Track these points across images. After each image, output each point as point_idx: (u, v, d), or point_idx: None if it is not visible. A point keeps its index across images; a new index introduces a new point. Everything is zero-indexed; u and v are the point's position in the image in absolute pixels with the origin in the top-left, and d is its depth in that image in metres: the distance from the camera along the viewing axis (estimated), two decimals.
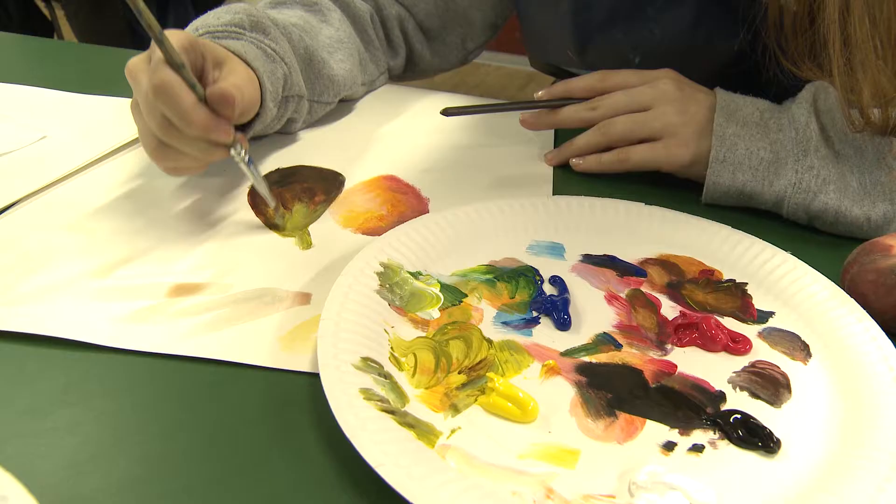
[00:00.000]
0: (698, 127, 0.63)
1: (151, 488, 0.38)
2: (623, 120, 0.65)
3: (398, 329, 0.47)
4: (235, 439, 0.41)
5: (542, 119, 0.69)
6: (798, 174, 0.60)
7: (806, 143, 0.60)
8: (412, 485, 0.36)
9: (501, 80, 3.05)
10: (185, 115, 0.51)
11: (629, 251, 0.57)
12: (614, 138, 0.66)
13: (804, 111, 0.61)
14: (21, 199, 0.58)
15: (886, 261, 0.51)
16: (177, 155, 0.55)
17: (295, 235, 0.57)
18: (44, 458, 0.39)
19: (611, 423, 0.43)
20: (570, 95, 0.68)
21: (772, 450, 0.41)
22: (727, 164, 0.62)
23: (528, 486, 0.38)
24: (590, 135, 0.67)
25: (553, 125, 0.69)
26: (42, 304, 0.48)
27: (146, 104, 0.53)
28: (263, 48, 0.62)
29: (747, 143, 0.61)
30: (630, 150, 0.65)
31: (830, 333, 0.49)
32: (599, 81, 0.67)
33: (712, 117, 0.63)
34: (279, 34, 0.65)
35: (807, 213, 0.61)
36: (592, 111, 0.67)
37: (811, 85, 0.63)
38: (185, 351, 0.45)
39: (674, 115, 0.64)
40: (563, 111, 0.68)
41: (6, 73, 0.80)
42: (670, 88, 0.65)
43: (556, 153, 0.69)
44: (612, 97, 0.66)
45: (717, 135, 0.62)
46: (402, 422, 0.40)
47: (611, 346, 0.48)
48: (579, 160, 0.67)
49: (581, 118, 0.67)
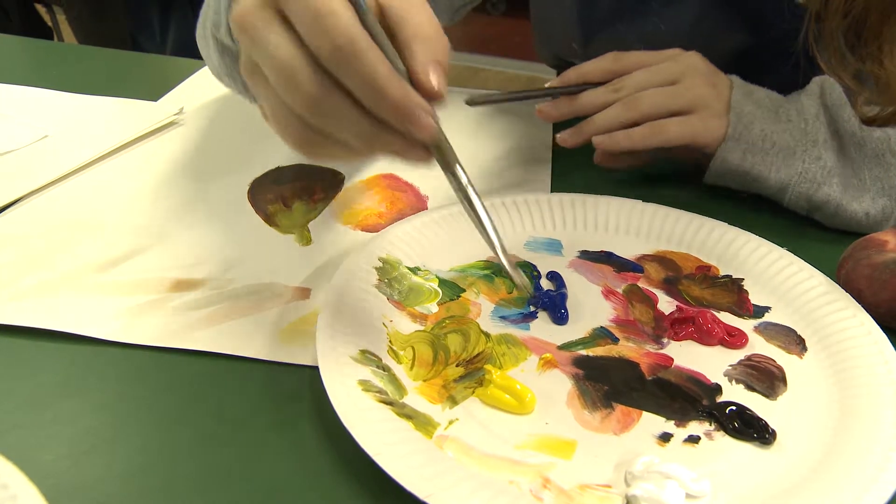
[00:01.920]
0: (725, 102, 0.61)
1: (151, 479, 0.38)
2: (652, 93, 0.61)
3: (396, 323, 0.47)
4: (235, 430, 0.41)
5: (560, 108, 0.64)
6: (805, 164, 0.60)
7: (815, 134, 0.60)
8: (409, 473, 0.36)
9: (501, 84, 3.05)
10: (380, 87, 0.35)
11: (626, 247, 0.57)
12: (643, 112, 0.61)
13: (814, 103, 0.61)
14: (23, 197, 0.59)
15: (881, 256, 0.51)
16: (331, 146, 0.39)
17: (294, 232, 0.57)
18: (44, 449, 0.39)
19: (607, 414, 0.43)
20: (586, 80, 0.64)
21: (767, 441, 0.42)
22: (741, 142, 0.60)
23: (524, 475, 0.38)
24: (615, 110, 0.62)
25: (573, 113, 0.64)
26: (43, 299, 0.48)
27: (294, 68, 0.36)
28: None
29: (762, 124, 0.61)
30: (664, 122, 0.61)
31: (826, 328, 0.50)
32: (614, 62, 0.64)
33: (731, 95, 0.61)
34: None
35: (808, 203, 0.61)
36: (616, 93, 0.62)
37: (817, 79, 0.63)
38: (186, 344, 0.46)
39: (704, 87, 0.61)
40: (582, 97, 0.63)
41: (8, 75, 0.80)
42: (697, 61, 0.63)
43: (573, 133, 0.63)
44: (635, 76, 0.62)
45: (735, 111, 0.60)
46: (400, 413, 0.40)
47: (608, 339, 0.48)
48: (604, 137, 0.62)
49: (605, 101, 0.62)
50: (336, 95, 0.36)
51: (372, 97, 0.35)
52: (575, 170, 0.68)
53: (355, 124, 0.36)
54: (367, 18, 0.36)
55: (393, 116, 0.36)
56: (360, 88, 0.35)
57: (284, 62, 0.36)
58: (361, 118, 0.36)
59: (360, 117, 0.36)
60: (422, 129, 0.36)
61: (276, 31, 0.36)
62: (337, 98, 0.36)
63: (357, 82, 0.35)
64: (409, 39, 0.37)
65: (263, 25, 0.36)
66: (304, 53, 0.36)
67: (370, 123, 0.36)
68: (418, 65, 0.37)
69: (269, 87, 0.37)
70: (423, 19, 0.38)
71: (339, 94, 0.36)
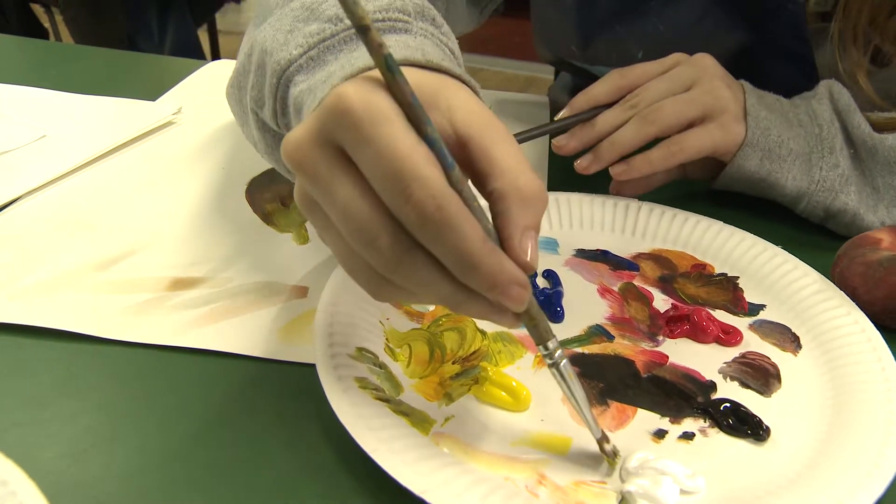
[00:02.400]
0: (742, 105, 0.59)
1: (150, 477, 0.38)
2: (670, 102, 0.57)
3: (393, 321, 0.48)
4: (234, 428, 0.41)
5: (578, 137, 0.60)
6: (823, 171, 0.58)
7: (832, 140, 0.59)
8: (405, 470, 0.36)
9: (500, 84, 3.06)
10: (472, 260, 0.31)
11: (622, 246, 0.57)
12: (664, 124, 0.57)
13: (826, 108, 0.60)
14: (22, 196, 0.59)
15: (875, 254, 0.52)
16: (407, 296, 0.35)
17: (292, 231, 0.57)
18: (44, 447, 0.39)
19: (602, 411, 0.43)
20: (597, 104, 0.61)
21: (761, 438, 0.42)
22: (758, 149, 0.58)
23: (520, 472, 0.39)
24: (633, 127, 0.57)
25: (593, 140, 0.59)
26: (43, 298, 0.49)
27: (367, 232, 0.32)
28: (441, 46, 0.44)
29: (779, 129, 0.59)
30: (682, 138, 0.57)
31: (820, 325, 0.50)
32: (621, 78, 0.60)
33: None
34: (442, 20, 0.47)
35: (825, 212, 0.59)
36: (633, 109, 0.58)
37: (825, 83, 0.61)
38: (184, 342, 0.46)
39: (724, 89, 0.58)
40: (598, 120, 0.59)
41: (6, 75, 0.81)
42: (710, 63, 0.60)
43: (594, 158, 0.59)
44: (650, 87, 0.59)
45: (751, 115, 0.58)
46: (396, 410, 0.40)
47: (603, 337, 0.49)
48: (624, 167, 0.58)
49: (623, 119, 0.59)
50: (419, 258, 0.32)
51: (462, 269, 0.32)
52: (571, 169, 0.68)
53: (439, 288, 0.33)
54: (454, 175, 0.32)
55: (484, 289, 0.32)
56: (449, 258, 0.31)
57: (361, 224, 0.31)
58: (446, 283, 0.33)
59: (445, 282, 0.33)
60: (514, 303, 0.33)
61: (344, 181, 0.32)
62: (420, 261, 0.32)
63: (446, 252, 0.31)
64: (505, 195, 0.33)
65: (328, 172, 0.32)
66: (384, 214, 0.31)
67: (456, 290, 0.33)
68: (514, 231, 0.33)
69: (336, 232, 0.33)
70: (512, 163, 0.33)
71: (423, 257, 0.32)
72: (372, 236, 0.31)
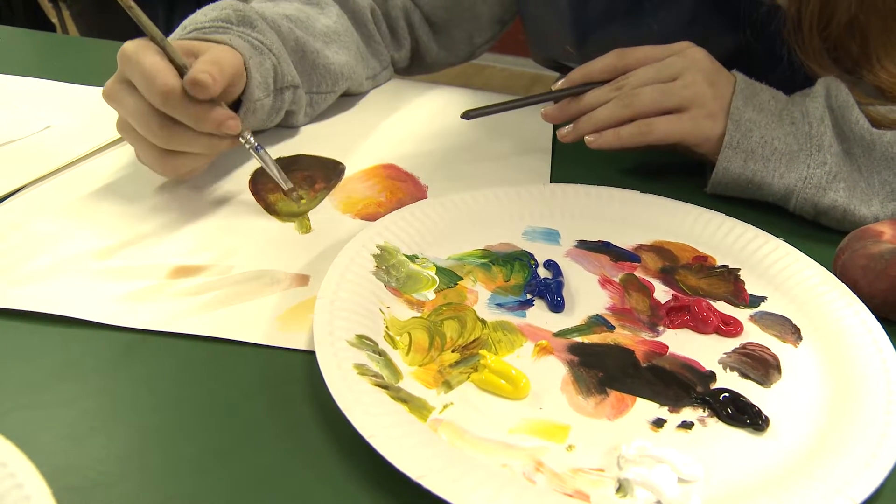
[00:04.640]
0: (724, 102, 0.61)
1: (149, 460, 0.38)
2: (649, 90, 0.61)
3: (393, 309, 0.48)
4: (233, 413, 0.41)
5: (565, 110, 0.65)
6: (810, 169, 0.59)
7: (820, 138, 0.59)
8: (403, 455, 0.36)
9: (506, 81, 3.05)
10: (200, 115, 0.53)
11: (624, 237, 0.57)
12: (638, 109, 0.61)
13: (819, 106, 0.60)
14: (26, 185, 0.59)
15: (877, 247, 0.51)
16: (183, 159, 0.56)
17: (295, 220, 0.57)
18: (43, 430, 0.40)
19: (601, 400, 0.43)
20: (590, 80, 0.64)
21: (760, 427, 0.42)
22: (739, 150, 0.60)
23: (518, 459, 0.39)
24: (611, 107, 0.62)
25: (578, 114, 0.64)
26: (45, 284, 0.49)
27: (144, 116, 0.53)
28: (250, 41, 0.62)
29: (762, 130, 0.60)
30: (653, 121, 0.61)
31: (821, 317, 0.50)
32: (619, 59, 0.63)
33: None
34: (266, 26, 0.64)
35: (815, 209, 0.60)
36: (618, 91, 0.62)
37: (823, 80, 0.62)
38: (184, 329, 0.46)
39: (704, 85, 0.61)
40: (586, 97, 0.63)
41: (13, 66, 0.81)
42: (701, 56, 0.62)
43: (572, 129, 0.64)
44: (638, 73, 0.62)
45: (733, 118, 0.60)
46: (395, 396, 0.41)
47: (603, 327, 0.49)
48: (595, 136, 0.62)
49: (607, 100, 0.62)
50: (178, 128, 0.54)
51: (199, 123, 0.54)
52: (574, 160, 0.68)
53: (194, 142, 0.55)
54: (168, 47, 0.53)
55: (215, 129, 0.54)
56: (189, 121, 0.53)
57: (139, 117, 0.54)
58: (196, 137, 0.55)
59: (195, 137, 0.55)
60: (232, 130, 0.55)
61: (129, 96, 0.54)
62: (180, 130, 0.54)
63: (186, 117, 0.53)
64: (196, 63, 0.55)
65: (120, 93, 0.54)
66: (151, 108, 0.53)
67: (205, 138, 0.55)
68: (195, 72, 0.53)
69: (130, 128, 0.56)
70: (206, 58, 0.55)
71: (179, 126, 0.54)
72: (147, 123, 0.54)
